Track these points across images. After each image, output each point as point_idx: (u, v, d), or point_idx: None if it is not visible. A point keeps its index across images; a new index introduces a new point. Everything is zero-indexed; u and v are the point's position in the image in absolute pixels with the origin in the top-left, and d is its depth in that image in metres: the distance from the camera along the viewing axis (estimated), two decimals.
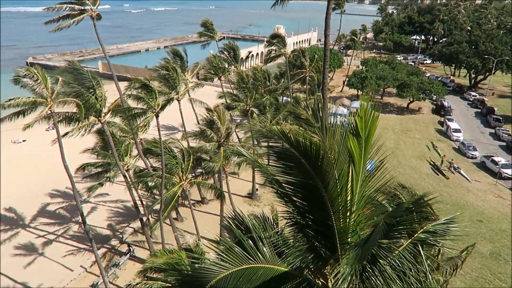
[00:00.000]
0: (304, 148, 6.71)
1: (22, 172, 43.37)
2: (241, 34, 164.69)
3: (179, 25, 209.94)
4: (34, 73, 20.49)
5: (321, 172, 6.70)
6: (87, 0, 26.30)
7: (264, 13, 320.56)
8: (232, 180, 41.30)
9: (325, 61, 29.52)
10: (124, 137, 30.12)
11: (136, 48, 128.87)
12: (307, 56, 55.22)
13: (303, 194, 7.18)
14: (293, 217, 7.34)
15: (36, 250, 31.07)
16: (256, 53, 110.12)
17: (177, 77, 31.11)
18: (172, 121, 54.20)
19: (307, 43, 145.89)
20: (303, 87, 60.01)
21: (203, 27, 52.45)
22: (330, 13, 27.56)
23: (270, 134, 7.47)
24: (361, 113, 6.51)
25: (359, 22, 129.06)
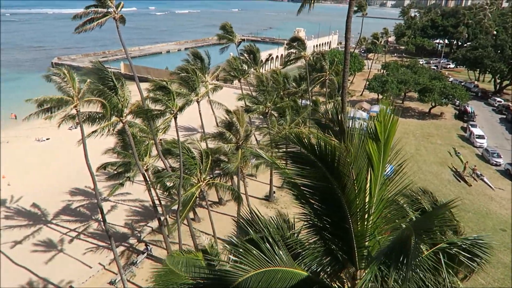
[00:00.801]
0: (320, 150, 6.71)
1: (46, 170, 44.54)
2: (261, 37, 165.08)
3: (200, 27, 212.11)
4: (62, 72, 21.07)
5: (338, 174, 6.68)
6: (111, 3, 26.86)
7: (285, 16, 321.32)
8: (250, 182, 41.39)
9: (345, 65, 29.28)
10: (144, 138, 30.59)
11: (158, 50, 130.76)
12: (327, 59, 54.94)
13: (320, 196, 7.17)
14: (310, 219, 7.33)
15: (57, 247, 31.81)
16: (276, 56, 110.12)
17: (196, 79, 31.42)
18: (191, 122, 54.74)
19: (328, 46, 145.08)
20: (323, 90, 59.70)
21: (223, 30, 52.81)
22: (351, 16, 27.36)
23: (286, 140, 7.51)
24: (380, 117, 6.46)
25: (380, 25, 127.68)
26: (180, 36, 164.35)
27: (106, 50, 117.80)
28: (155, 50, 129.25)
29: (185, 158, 26.67)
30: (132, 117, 27.05)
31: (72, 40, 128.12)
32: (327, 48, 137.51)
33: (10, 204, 37.61)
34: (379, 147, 6.43)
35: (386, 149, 6.54)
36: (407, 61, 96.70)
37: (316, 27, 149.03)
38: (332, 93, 56.76)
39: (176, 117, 25.29)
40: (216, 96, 43.43)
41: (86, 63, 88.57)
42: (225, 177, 32.95)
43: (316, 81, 55.85)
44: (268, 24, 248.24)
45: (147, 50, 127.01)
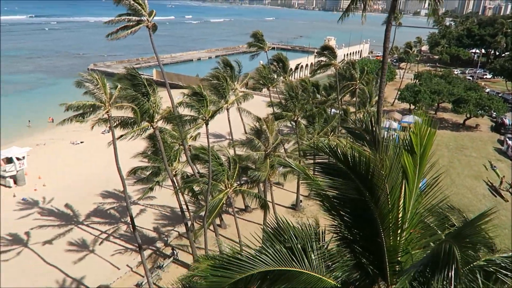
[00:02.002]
0: (353, 162, 6.56)
1: (79, 172, 45.97)
2: (291, 45, 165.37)
3: (232, 35, 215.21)
4: (94, 78, 21.75)
5: (371, 187, 6.50)
6: (144, 11, 27.58)
7: (316, 24, 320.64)
8: (277, 190, 41.19)
9: (383, 74, 28.73)
10: (173, 143, 31.07)
11: (189, 57, 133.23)
12: (357, 68, 54.27)
13: (351, 208, 7.00)
14: (339, 231, 7.16)
15: (87, 247, 32.63)
16: (305, 64, 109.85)
17: (226, 86, 31.71)
18: (219, 129, 55.21)
19: (358, 55, 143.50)
20: (353, 100, 58.95)
21: (253, 38, 53.22)
22: (390, 26, 26.84)
23: (317, 150, 7.38)
24: (416, 129, 6.26)
25: (413, 34, 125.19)
26: (212, 44, 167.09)
27: (139, 57, 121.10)
28: (186, 58, 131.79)
29: (213, 165, 26.87)
30: (163, 123, 27.58)
31: (108, 47, 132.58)
32: (358, 57, 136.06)
33: (44, 205, 38.99)
34: (415, 160, 6.23)
35: (422, 162, 6.32)
36: (441, 71, 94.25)
37: (347, 35, 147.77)
38: (362, 103, 55.96)
39: (207, 123, 25.55)
40: (245, 103, 43.68)
41: (120, 69, 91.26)
42: (252, 184, 32.98)
43: (346, 90, 55.23)
44: (298, 32, 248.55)
45: (178, 58, 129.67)
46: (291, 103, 37.59)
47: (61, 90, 79.03)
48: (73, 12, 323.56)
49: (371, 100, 54.07)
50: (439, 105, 74.19)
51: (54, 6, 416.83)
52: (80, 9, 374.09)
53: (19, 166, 42.29)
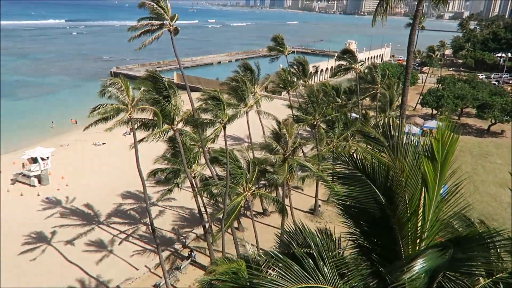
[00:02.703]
0: (371, 168, 6.46)
1: (100, 172, 46.90)
2: (311, 49, 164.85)
3: (253, 39, 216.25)
4: (118, 82, 22.16)
5: (389, 194, 6.39)
6: (166, 15, 27.96)
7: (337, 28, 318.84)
8: (295, 194, 41.00)
9: (407, 78, 28.30)
10: (193, 145, 31.34)
11: (209, 61, 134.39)
12: (378, 72, 53.65)
13: (368, 216, 6.89)
14: (356, 238, 7.06)
15: (107, 247, 33.18)
16: (325, 68, 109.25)
17: (246, 89, 31.81)
18: (238, 132, 55.39)
19: (380, 59, 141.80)
20: (373, 104, 58.25)
21: (274, 42, 53.26)
22: (415, 29, 26.47)
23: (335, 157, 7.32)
24: (438, 135, 6.11)
25: (437, 38, 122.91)
26: (233, 48, 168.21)
27: (160, 61, 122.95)
28: (206, 61, 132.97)
29: (232, 167, 26.95)
30: (182, 125, 27.86)
31: (130, 51, 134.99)
32: (379, 61, 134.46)
33: (67, 204, 39.90)
34: (435, 167, 6.08)
35: (443, 170, 6.16)
36: (465, 76, 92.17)
37: (368, 39, 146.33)
38: (383, 107, 55.22)
39: (225, 126, 25.69)
40: (264, 107, 43.75)
41: (142, 72, 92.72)
42: (270, 188, 32.92)
43: (367, 94, 54.64)
44: (319, 36, 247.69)
45: (199, 61, 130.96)
46: (311, 107, 37.42)
47: (85, 93, 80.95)
48: (101, 17, 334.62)
49: (392, 105, 53.29)
50: (462, 110, 72.53)
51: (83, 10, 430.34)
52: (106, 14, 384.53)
53: (43, 166, 43.45)
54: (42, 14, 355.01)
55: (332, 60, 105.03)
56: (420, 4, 26.25)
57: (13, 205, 39.11)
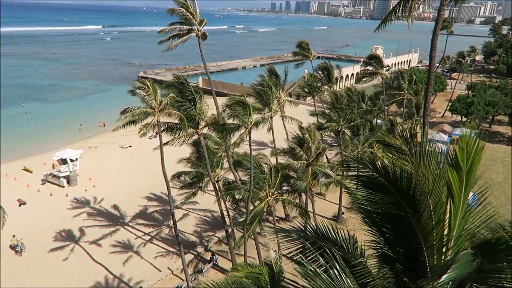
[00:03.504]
0: (394, 176, 6.35)
1: (126, 174, 47.93)
2: (336, 54, 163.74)
3: (278, 44, 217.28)
4: (146, 85, 22.67)
5: (413, 202, 6.27)
6: (195, 21, 28.43)
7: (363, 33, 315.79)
8: (318, 201, 40.67)
9: (429, 84, 27.68)
10: (217, 150, 31.62)
11: (234, 66, 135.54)
12: (405, 78, 52.70)
13: (392, 225, 6.76)
14: (380, 247, 6.94)
15: (132, 248, 33.81)
16: (351, 74, 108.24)
17: (271, 94, 31.90)
18: (262, 137, 55.48)
19: (407, 64, 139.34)
20: (400, 110, 57.21)
21: (299, 47, 53.24)
22: (437, 34, 25.90)
23: (357, 162, 7.23)
24: (462, 143, 5.95)
25: (467, 43, 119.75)
26: (258, 53, 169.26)
27: (186, 65, 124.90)
28: (232, 66, 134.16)
29: (255, 172, 27.02)
30: (207, 129, 28.18)
31: (157, 56, 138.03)
32: (406, 66, 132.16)
33: (94, 205, 40.94)
34: (461, 176, 5.92)
35: (469, 179, 5.99)
36: (497, 82, 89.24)
37: (395, 45, 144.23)
38: (410, 113, 54.17)
39: (250, 132, 25.81)
40: (288, 112, 43.71)
41: (168, 77, 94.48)
42: (293, 193, 32.78)
43: (393, 100, 53.74)
44: (345, 41, 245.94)
45: (224, 66, 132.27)
46: (335, 112, 37.12)
47: (113, 96, 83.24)
48: (130, 23, 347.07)
49: (419, 111, 52.19)
50: (494, 117, 70.24)
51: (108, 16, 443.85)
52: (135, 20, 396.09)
53: (72, 167, 44.76)
54: (73, 20, 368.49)
55: (357, 66, 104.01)
56: (442, 9, 25.63)
57: (43, 205, 40.43)
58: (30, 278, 29.50)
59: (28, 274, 30.16)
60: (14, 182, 44.42)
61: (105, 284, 29.45)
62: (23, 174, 47.30)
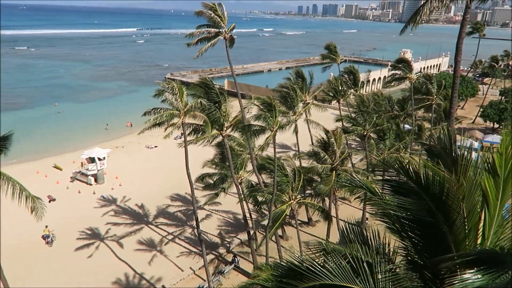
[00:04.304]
0: (426, 181, 6.14)
1: (152, 174, 48.69)
2: (363, 58, 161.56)
3: (305, 47, 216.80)
4: (173, 87, 22.95)
5: (446, 209, 6.04)
6: (223, 24, 28.58)
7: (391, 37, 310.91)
8: (342, 206, 40.10)
9: (454, 89, 26.91)
10: (241, 151, 31.67)
11: (260, 68, 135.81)
12: (434, 83, 51.35)
13: (421, 231, 6.54)
14: (408, 254, 6.72)
15: (155, 247, 34.26)
16: (378, 78, 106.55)
17: (296, 97, 31.71)
18: (285, 140, 55.26)
19: (436, 68, 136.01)
20: (428, 115, 55.80)
21: (327, 50, 52.78)
22: (462, 38, 25.14)
23: (386, 166, 7.04)
24: (501, 149, 5.70)
25: (501, 47, 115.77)
26: (284, 56, 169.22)
27: (212, 68, 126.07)
28: (257, 69, 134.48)
29: (278, 175, 26.91)
30: (231, 131, 28.27)
31: (184, 58, 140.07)
32: (436, 71, 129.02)
33: (120, 203, 41.77)
34: (497, 183, 5.66)
35: (506, 186, 5.72)
36: None
37: (424, 48, 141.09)
38: (438, 119, 52.77)
39: (275, 134, 25.73)
40: (313, 115, 43.35)
41: (194, 79, 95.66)
42: (316, 197, 32.45)
43: (421, 105, 52.46)
44: (372, 45, 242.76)
45: (250, 68, 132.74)
46: (361, 117, 36.53)
47: (140, 97, 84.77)
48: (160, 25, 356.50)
49: None
50: None
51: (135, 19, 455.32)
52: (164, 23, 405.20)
53: (100, 165, 45.85)
54: (104, 23, 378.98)
55: (385, 70, 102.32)
56: (468, 12, 24.83)
57: (71, 202, 41.55)
58: (57, 269, 30.50)
59: (57, 264, 31.32)
60: (45, 179, 45.86)
61: (128, 281, 29.93)
62: (54, 171, 48.81)
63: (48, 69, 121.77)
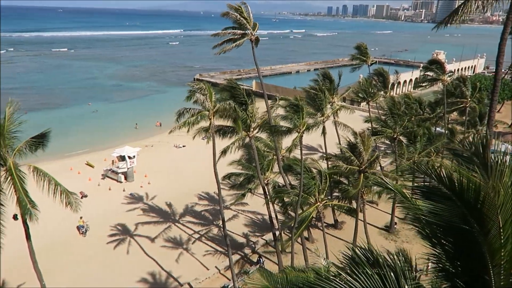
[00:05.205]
0: (460, 187, 5.94)
1: (179, 173, 49.47)
2: (394, 59, 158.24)
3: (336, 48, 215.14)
4: (203, 87, 23.25)
5: (481, 217, 5.82)
6: (248, 25, 28.69)
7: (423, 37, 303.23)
8: (370, 209, 39.44)
9: (495, 92, 25.83)
10: (267, 152, 31.68)
11: (288, 70, 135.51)
12: (468, 85, 49.66)
13: (455, 238, 6.32)
14: (439, 262, 6.51)
15: (182, 245, 34.76)
16: (409, 79, 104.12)
17: (324, 99, 31.42)
18: (312, 141, 54.92)
19: (471, 70, 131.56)
20: (461, 118, 54.01)
21: (357, 50, 51.98)
22: (505, 39, 24.10)
23: (418, 170, 6.86)
24: None
25: None
26: (312, 57, 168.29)
27: (241, 69, 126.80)
28: (285, 70, 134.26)
29: (304, 177, 26.73)
30: (258, 132, 28.32)
31: (212, 59, 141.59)
32: (471, 72, 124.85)
33: (148, 201, 42.65)
34: None
35: None
36: None
37: (459, 50, 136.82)
38: (472, 122, 50.98)
39: (302, 135, 25.61)
40: (341, 117, 42.83)
41: (223, 80, 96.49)
42: (343, 200, 32.04)
43: (454, 107, 50.84)
44: (404, 45, 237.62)
45: (278, 70, 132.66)
46: (391, 119, 35.77)
47: (169, 97, 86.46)
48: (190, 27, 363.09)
49: (483, 120, 48.97)
50: None
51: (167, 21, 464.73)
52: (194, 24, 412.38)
53: (130, 164, 46.98)
54: (136, 25, 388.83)
55: (416, 71, 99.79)
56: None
57: (102, 198, 42.78)
58: (91, 256, 32.08)
59: (90, 251, 33.10)
60: (77, 176, 47.42)
61: (154, 277, 30.51)
62: (86, 168, 50.41)
63: (83, 69, 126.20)
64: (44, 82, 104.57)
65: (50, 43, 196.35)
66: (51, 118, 67.31)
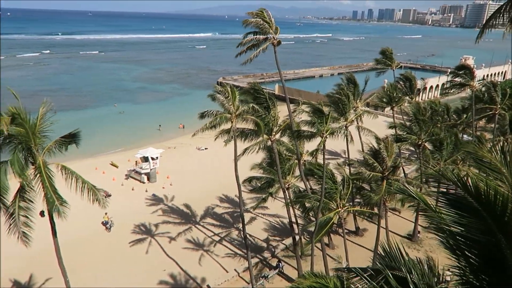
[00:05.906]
0: (487, 198, 5.76)
1: (201, 175, 49.88)
2: (420, 64, 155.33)
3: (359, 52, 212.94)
4: (226, 90, 23.42)
5: (507, 229, 5.63)
6: (271, 30, 28.69)
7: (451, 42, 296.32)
8: (392, 217, 38.68)
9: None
10: (289, 156, 31.56)
11: (311, 74, 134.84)
12: (498, 91, 48.13)
13: (480, 251, 6.13)
14: (463, 274, 6.32)
15: (202, 246, 34.99)
16: (436, 85, 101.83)
17: (348, 103, 31.12)
18: (335, 146, 54.34)
19: (501, 76, 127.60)
20: (490, 125, 52.39)
21: (382, 55, 51.28)
22: None
23: (443, 178, 6.69)
24: None
25: None
26: (337, 61, 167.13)
27: (264, 73, 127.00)
28: (308, 74, 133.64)
29: (326, 182, 26.49)
30: (280, 136, 28.28)
31: (235, 63, 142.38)
32: (501, 78, 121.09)
33: (169, 202, 43.16)
34: None
35: None
36: None
37: (489, 55, 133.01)
38: (502, 130, 49.32)
39: (325, 140, 25.41)
40: (364, 122, 42.29)
41: (246, 83, 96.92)
42: (365, 207, 31.55)
43: (483, 114, 49.34)
44: (430, 50, 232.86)
45: (301, 74, 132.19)
46: (416, 125, 35.04)
47: (192, 100, 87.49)
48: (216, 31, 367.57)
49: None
50: None
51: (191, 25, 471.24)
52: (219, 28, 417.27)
53: (152, 165, 47.71)
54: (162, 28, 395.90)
55: (443, 77, 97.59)
56: None
57: (125, 198, 43.57)
58: (116, 249, 33.15)
59: (115, 245, 34.17)
60: (102, 175, 48.49)
61: (175, 278, 30.79)
62: (110, 168, 51.50)
63: (110, 71, 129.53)
64: (72, 84, 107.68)
65: (81, 46, 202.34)
66: (78, 118, 69.16)
